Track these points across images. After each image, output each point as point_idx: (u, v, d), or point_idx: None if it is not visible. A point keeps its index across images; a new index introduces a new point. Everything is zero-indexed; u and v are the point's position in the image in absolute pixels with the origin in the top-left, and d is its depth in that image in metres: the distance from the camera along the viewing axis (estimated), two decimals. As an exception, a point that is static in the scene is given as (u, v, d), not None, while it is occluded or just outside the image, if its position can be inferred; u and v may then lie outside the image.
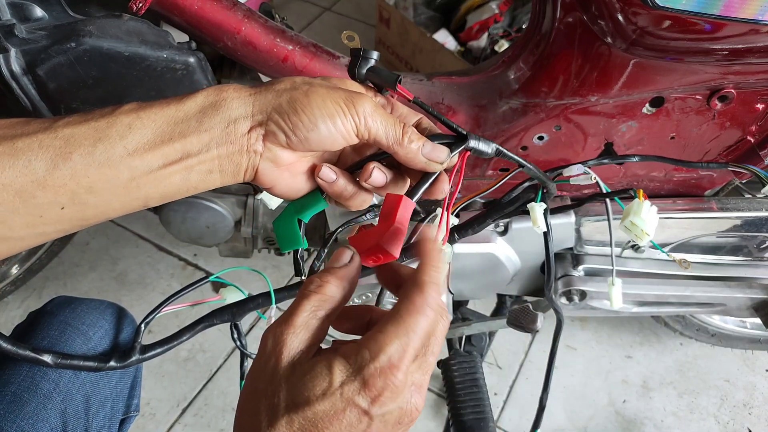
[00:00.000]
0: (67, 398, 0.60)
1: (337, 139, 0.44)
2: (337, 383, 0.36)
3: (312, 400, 0.36)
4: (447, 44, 1.71)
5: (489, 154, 0.49)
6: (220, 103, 0.43)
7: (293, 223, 0.49)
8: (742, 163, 0.85)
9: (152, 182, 0.43)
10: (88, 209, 0.42)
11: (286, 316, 0.39)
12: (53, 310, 0.66)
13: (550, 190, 0.55)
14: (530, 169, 0.52)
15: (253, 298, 0.62)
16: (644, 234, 0.52)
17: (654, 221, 0.52)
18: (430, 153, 0.46)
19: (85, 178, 0.41)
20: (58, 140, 0.40)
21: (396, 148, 0.45)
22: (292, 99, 0.43)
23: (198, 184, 0.44)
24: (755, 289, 1.00)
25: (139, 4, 0.66)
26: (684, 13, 0.61)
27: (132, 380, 0.71)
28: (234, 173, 0.44)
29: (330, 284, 0.41)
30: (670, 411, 1.30)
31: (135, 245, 1.52)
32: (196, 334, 0.62)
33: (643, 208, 0.51)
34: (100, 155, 0.41)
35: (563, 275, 0.98)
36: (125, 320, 0.69)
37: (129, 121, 0.41)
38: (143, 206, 0.45)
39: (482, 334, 1.23)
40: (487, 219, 0.61)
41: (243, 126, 0.43)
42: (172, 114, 0.42)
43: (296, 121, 0.43)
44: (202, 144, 0.42)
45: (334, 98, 0.43)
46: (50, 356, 0.56)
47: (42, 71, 0.66)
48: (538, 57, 0.76)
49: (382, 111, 0.45)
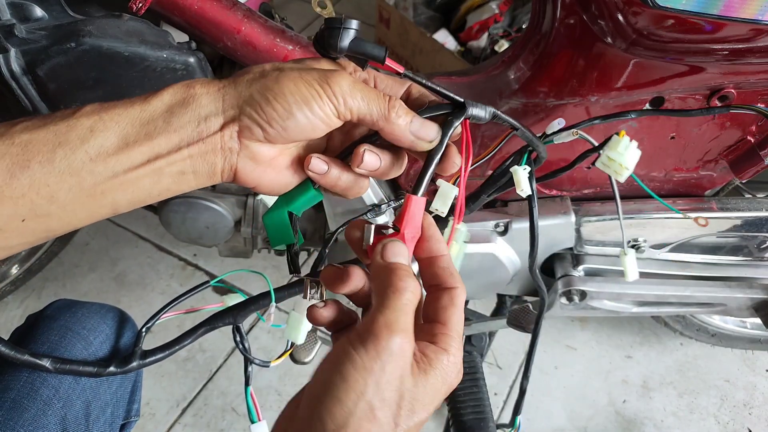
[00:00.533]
0: (67, 404, 0.60)
1: (318, 125, 0.40)
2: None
3: None
4: (447, 44, 1.71)
5: (485, 118, 0.45)
6: (188, 100, 0.40)
7: (284, 218, 0.46)
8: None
9: (119, 188, 0.40)
10: (51, 220, 0.39)
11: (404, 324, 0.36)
12: (53, 314, 0.65)
13: (541, 154, 0.53)
14: (524, 132, 0.49)
15: (254, 299, 0.61)
16: (623, 168, 0.51)
17: (634, 157, 0.51)
18: (418, 130, 0.42)
19: (45, 187, 0.38)
20: (15, 147, 0.37)
21: (382, 125, 0.41)
22: (262, 88, 0.40)
23: (170, 186, 0.41)
24: (755, 289, 1.00)
25: (139, 4, 0.66)
26: (684, 13, 0.61)
27: (132, 385, 0.70)
28: (209, 174, 0.41)
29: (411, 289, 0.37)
30: (670, 411, 1.30)
31: (135, 245, 1.52)
32: (197, 339, 0.61)
33: (621, 143, 0.51)
34: (60, 162, 0.38)
35: (563, 275, 0.98)
36: (126, 324, 0.69)
37: (90, 124, 0.38)
38: (112, 213, 0.42)
39: (482, 334, 1.23)
40: (481, 194, 0.59)
41: (214, 123, 0.40)
42: (136, 114, 0.39)
43: (270, 112, 0.39)
44: (171, 145, 0.39)
45: (307, 81, 0.39)
46: (50, 361, 0.55)
47: (42, 71, 0.66)
48: (538, 57, 0.76)
49: (362, 86, 0.41)
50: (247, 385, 0.62)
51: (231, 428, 1.24)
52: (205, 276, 1.47)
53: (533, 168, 0.52)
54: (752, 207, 0.90)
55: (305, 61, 0.44)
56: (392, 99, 0.41)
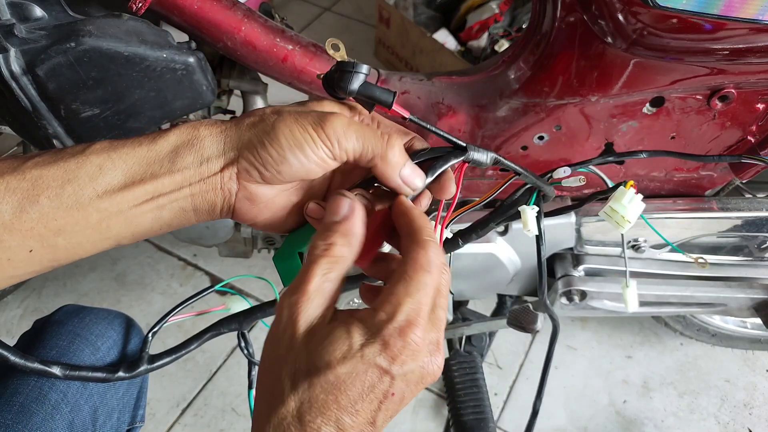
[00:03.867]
0: (74, 409, 0.60)
1: (312, 169, 0.42)
2: (357, 346, 0.36)
3: (333, 363, 0.36)
4: (447, 44, 1.71)
5: (486, 164, 0.47)
6: (192, 141, 0.42)
7: (294, 257, 0.48)
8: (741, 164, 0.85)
9: (123, 222, 0.42)
10: (58, 251, 0.41)
11: (297, 284, 0.38)
12: (61, 320, 0.66)
13: (548, 194, 0.54)
14: (527, 176, 0.51)
15: (260, 306, 0.62)
16: (624, 221, 0.52)
17: (637, 210, 0.51)
18: (408, 175, 0.43)
19: (53, 221, 0.40)
20: (26, 182, 0.39)
21: (377, 162, 0.42)
22: (260, 132, 0.42)
23: (172, 222, 0.43)
24: (756, 289, 1.00)
25: (139, 4, 0.66)
26: (684, 13, 0.61)
27: (138, 391, 0.70)
28: (209, 211, 0.43)
29: (336, 245, 0.39)
30: (670, 411, 1.30)
31: (135, 245, 1.52)
32: (203, 343, 0.62)
33: (626, 195, 0.51)
34: (68, 198, 0.40)
35: (563, 275, 0.98)
36: (133, 330, 0.69)
37: (100, 162, 0.40)
38: (115, 245, 0.44)
39: (482, 335, 1.23)
40: (490, 222, 0.60)
41: (215, 165, 0.42)
42: (144, 154, 0.41)
43: (265, 156, 0.41)
44: (174, 184, 0.41)
45: (302, 125, 0.41)
46: (59, 368, 0.56)
47: (42, 71, 0.65)
48: (539, 57, 0.76)
49: (358, 126, 0.42)
50: (251, 389, 0.62)
51: (231, 428, 1.24)
52: (205, 276, 1.48)
53: (542, 207, 0.53)
54: (752, 207, 0.90)
55: (307, 103, 0.46)
56: (390, 138, 0.42)
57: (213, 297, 1.04)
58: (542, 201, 0.54)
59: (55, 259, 0.42)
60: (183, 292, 1.44)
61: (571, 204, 0.62)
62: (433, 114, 0.84)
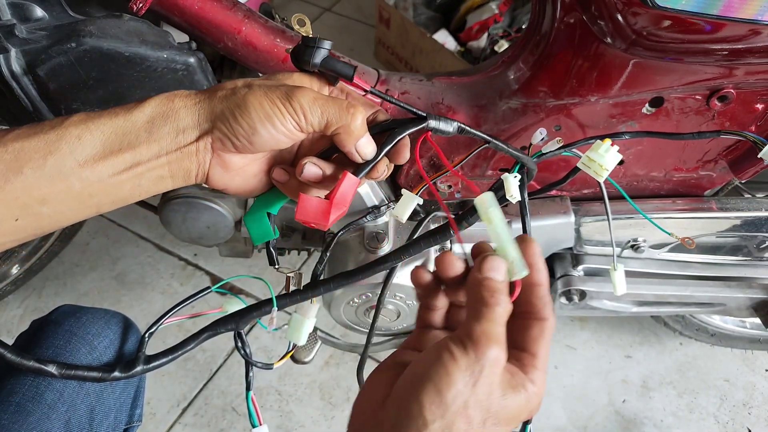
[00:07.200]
0: (71, 408, 0.60)
1: (281, 139, 0.45)
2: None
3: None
4: (447, 44, 1.71)
5: (451, 132, 0.49)
6: (168, 113, 0.44)
7: (263, 217, 0.52)
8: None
9: (104, 191, 0.44)
10: (42, 219, 0.43)
11: (498, 339, 0.37)
12: (58, 320, 0.66)
13: (527, 165, 0.54)
14: (497, 145, 0.51)
15: (256, 305, 0.62)
16: (603, 169, 0.54)
17: (613, 159, 0.53)
18: (362, 145, 0.46)
19: (37, 190, 0.41)
20: (8, 154, 0.41)
21: (340, 132, 0.45)
22: (232, 105, 0.44)
23: (150, 189, 0.45)
24: (755, 288, 1.00)
25: (139, 4, 0.66)
26: (684, 13, 0.61)
27: (135, 391, 0.70)
28: (185, 177, 0.46)
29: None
30: (669, 411, 1.30)
31: (135, 245, 1.52)
32: (200, 344, 0.61)
33: (602, 146, 0.54)
34: (51, 168, 0.41)
35: (563, 275, 0.98)
36: (130, 330, 0.69)
37: (78, 133, 0.42)
38: (96, 213, 0.46)
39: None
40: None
41: (191, 135, 0.44)
42: (120, 124, 0.43)
43: (237, 128, 0.43)
44: (151, 153, 0.43)
45: (271, 98, 0.43)
46: (55, 367, 0.55)
47: (42, 71, 0.66)
48: (538, 57, 0.76)
49: (324, 100, 0.44)
50: (248, 390, 0.62)
51: (231, 428, 1.24)
52: (206, 276, 1.48)
53: (525, 176, 0.53)
54: (752, 207, 0.90)
55: (277, 76, 0.48)
56: (355, 110, 0.45)
57: (214, 297, 1.04)
58: (527, 176, 0.55)
59: (39, 227, 0.44)
60: (183, 292, 1.44)
61: (559, 179, 0.61)
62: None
